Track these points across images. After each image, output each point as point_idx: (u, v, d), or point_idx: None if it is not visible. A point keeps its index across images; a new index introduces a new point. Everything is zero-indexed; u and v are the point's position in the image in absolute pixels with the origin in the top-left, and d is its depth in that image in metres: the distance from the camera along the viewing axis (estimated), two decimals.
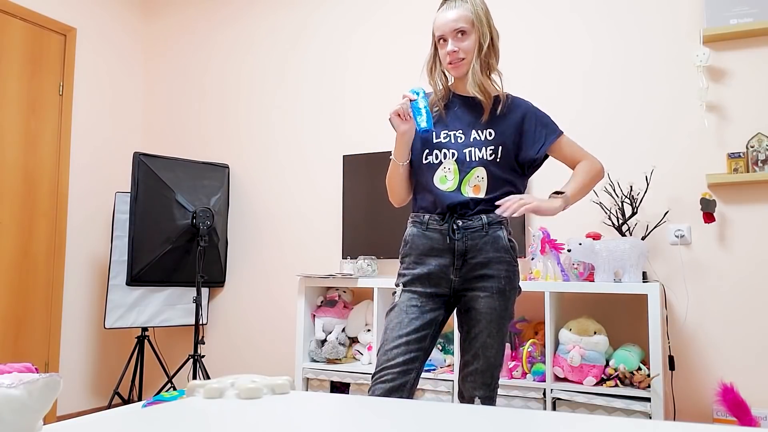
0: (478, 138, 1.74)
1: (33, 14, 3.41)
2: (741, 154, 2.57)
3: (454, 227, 1.71)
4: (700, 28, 2.67)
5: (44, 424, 0.84)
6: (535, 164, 1.80)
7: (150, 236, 3.25)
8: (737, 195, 2.61)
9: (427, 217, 1.75)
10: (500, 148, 1.73)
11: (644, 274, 2.55)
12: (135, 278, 3.24)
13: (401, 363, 1.64)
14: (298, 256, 3.50)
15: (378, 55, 3.41)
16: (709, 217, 2.56)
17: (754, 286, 2.55)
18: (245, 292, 3.64)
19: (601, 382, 2.40)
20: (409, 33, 3.32)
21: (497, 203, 1.66)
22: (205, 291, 3.64)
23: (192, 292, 3.47)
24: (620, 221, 2.66)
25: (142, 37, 4.14)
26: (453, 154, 1.74)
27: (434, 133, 1.75)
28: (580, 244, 2.48)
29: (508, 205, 1.62)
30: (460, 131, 1.76)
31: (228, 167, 3.69)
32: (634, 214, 2.62)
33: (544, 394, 2.45)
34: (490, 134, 1.74)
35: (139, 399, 3.52)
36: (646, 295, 2.38)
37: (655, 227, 2.66)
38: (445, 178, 1.73)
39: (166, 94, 4.05)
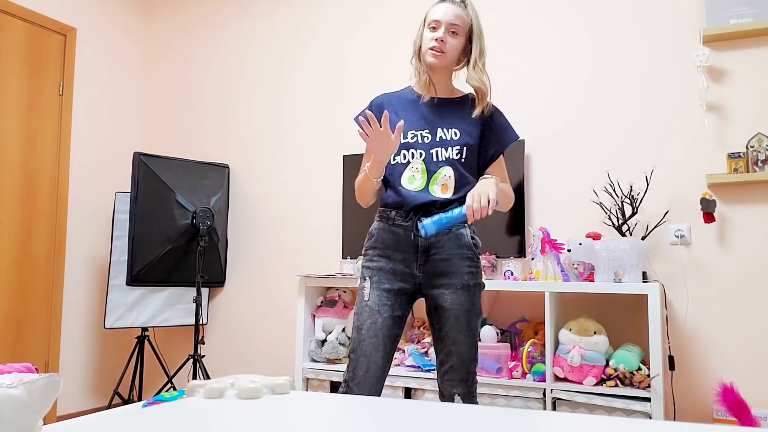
0: (444, 137, 1.77)
1: (33, 14, 3.41)
2: (741, 154, 2.57)
3: (418, 224, 1.72)
4: (700, 28, 2.67)
5: (44, 424, 0.84)
6: (488, 164, 1.83)
7: (150, 236, 3.25)
8: (737, 195, 2.61)
9: (393, 213, 1.78)
10: (465, 147, 1.76)
11: (644, 274, 2.55)
12: (135, 278, 3.24)
13: (381, 368, 1.70)
14: (298, 256, 3.50)
15: (378, 55, 3.41)
16: (709, 217, 2.56)
17: (754, 286, 2.55)
18: (245, 292, 3.64)
19: (601, 382, 2.40)
20: (409, 33, 3.30)
21: (464, 209, 1.63)
22: (205, 291, 3.64)
23: (192, 292, 3.47)
24: (620, 221, 2.65)
25: (142, 37, 4.14)
26: (420, 154, 1.76)
27: (401, 133, 1.75)
28: (580, 244, 2.48)
29: (477, 209, 1.58)
30: (427, 131, 1.78)
31: (228, 167, 3.69)
32: (634, 214, 2.62)
33: (544, 394, 2.45)
34: (456, 134, 1.77)
35: (139, 399, 3.52)
36: (646, 295, 2.38)
37: (655, 227, 2.66)
38: (413, 178, 1.76)
39: (166, 94, 4.05)
